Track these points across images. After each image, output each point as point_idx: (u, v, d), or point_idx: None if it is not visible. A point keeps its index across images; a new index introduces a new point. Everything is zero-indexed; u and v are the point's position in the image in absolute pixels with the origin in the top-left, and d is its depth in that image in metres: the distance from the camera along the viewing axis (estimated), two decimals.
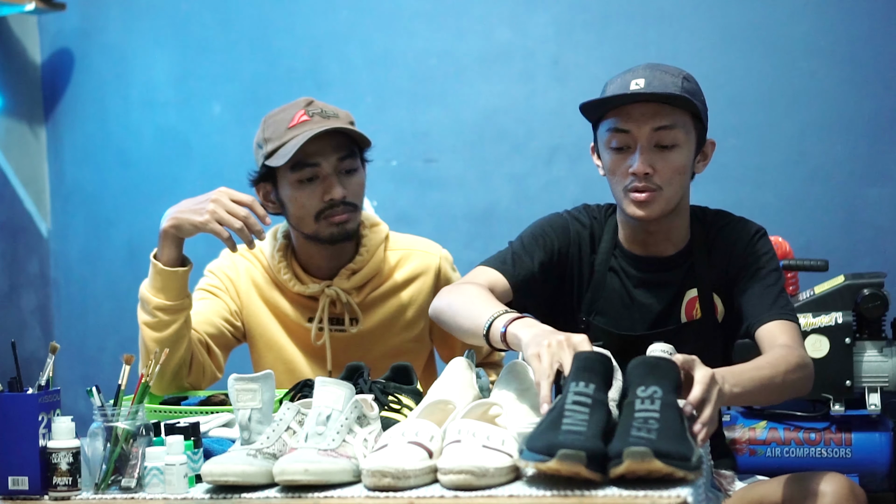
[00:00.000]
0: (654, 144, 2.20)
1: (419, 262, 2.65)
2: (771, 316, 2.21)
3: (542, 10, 3.87)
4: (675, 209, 2.26)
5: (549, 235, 2.34)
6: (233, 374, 1.88)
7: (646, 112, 2.20)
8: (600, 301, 2.33)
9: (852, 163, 3.60)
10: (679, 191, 2.25)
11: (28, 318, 4.27)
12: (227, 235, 2.38)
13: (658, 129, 2.20)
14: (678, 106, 2.21)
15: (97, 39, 4.31)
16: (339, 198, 2.49)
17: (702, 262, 2.31)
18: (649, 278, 2.32)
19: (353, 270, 2.58)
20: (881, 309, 2.91)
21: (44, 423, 1.86)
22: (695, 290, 2.30)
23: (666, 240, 2.31)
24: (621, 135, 2.22)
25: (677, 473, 1.59)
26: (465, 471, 1.65)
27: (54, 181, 4.38)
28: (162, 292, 2.41)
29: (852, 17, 3.60)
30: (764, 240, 2.32)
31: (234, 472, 1.74)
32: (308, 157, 2.48)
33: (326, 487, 1.72)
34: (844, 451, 2.87)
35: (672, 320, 2.30)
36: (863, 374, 2.90)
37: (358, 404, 1.82)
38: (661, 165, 2.20)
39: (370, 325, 2.60)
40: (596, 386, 1.71)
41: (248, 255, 2.65)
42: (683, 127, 2.22)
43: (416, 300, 2.62)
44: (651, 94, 2.18)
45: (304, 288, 2.58)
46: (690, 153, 2.25)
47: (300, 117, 2.49)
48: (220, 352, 2.59)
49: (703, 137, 2.29)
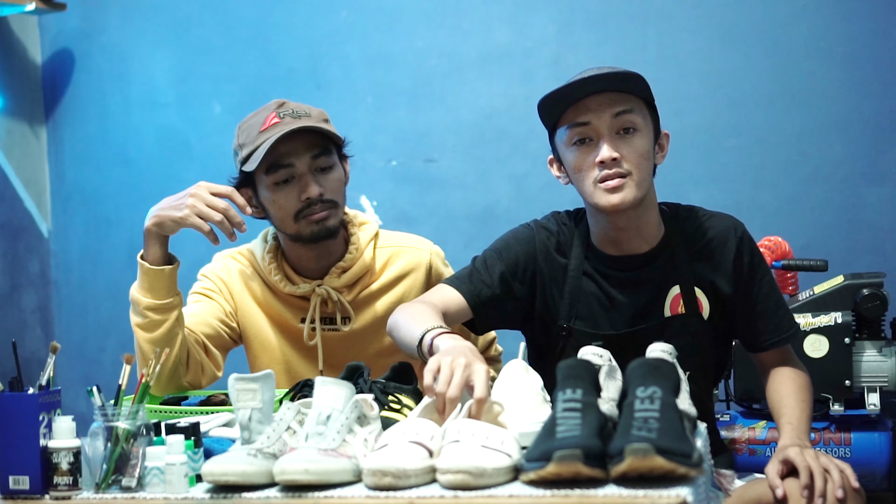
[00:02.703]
0: (617, 131, 2.23)
1: (409, 259, 2.65)
2: (778, 341, 2.34)
3: (542, 10, 3.87)
4: (643, 201, 2.27)
5: (511, 249, 2.36)
6: (233, 373, 1.88)
7: (602, 101, 2.22)
8: (579, 306, 2.33)
9: (852, 163, 3.61)
10: (647, 177, 2.26)
11: (29, 318, 4.27)
12: (208, 229, 2.38)
13: (618, 114, 2.22)
14: (632, 92, 2.24)
15: (97, 39, 4.31)
16: (316, 196, 2.48)
17: (681, 258, 2.31)
18: (626, 277, 2.32)
19: (343, 269, 2.58)
20: (880, 309, 2.92)
21: (44, 423, 1.86)
22: (678, 287, 2.31)
23: (638, 236, 2.31)
24: (582, 128, 2.24)
25: (679, 470, 1.59)
26: (463, 471, 1.65)
27: (55, 181, 4.39)
28: (150, 292, 2.42)
29: (852, 17, 3.60)
30: (749, 237, 2.35)
31: (235, 471, 1.74)
32: (281, 159, 2.47)
33: (327, 487, 1.72)
34: (844, 451, 2.88)
35: (654, 316, 2.31)
36: (862, 374, 2.91)
37: (358, 404, 1.82)
38: (626, 151, 2.22)
39: (363, 324, 2.60)
40: (583, 390, 1.73)
41: (239, 259, 2.65)
42: (640, 112, 2.25)
43: (408, 297, 2.61)
44: (605, 75, 2.21)
45: (295, 288, 2.58)
46: (650, 140, 2.27)
47: (271, 120, 2.48)
48: (219, 352, 2.59)
49: (658, 128, 2.31)
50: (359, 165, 4.02)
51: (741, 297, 2.32)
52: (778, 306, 2.34)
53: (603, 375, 1.85)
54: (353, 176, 3.33)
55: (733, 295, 2.31)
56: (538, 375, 2.00)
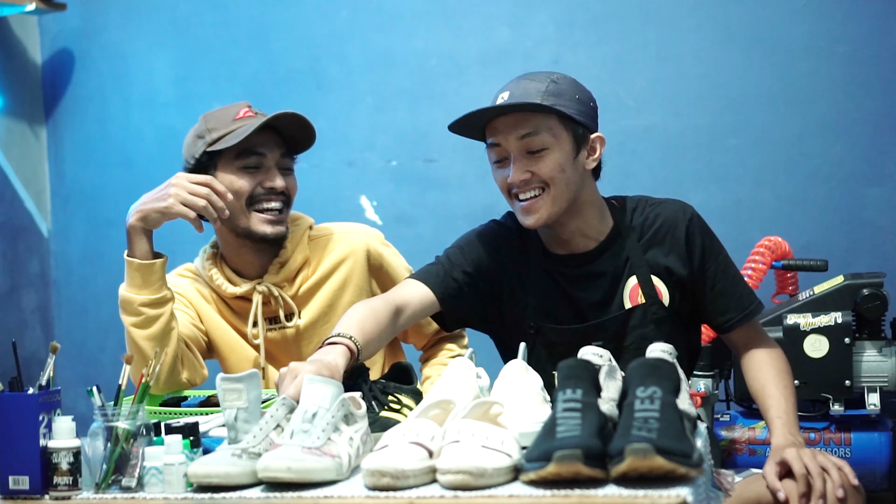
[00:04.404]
0: (525, 152, 2.26)
1: (345, 244, 2.65)
2: (741, 318, 2.35)
3: (542, 10, 3.87)
4: (572, 208, 2.30)
5: (475, 245, 2.41)
6: (219, 374, 1.88)
7: (508, 122, 2.27)
8: (544, 302, 2.36)
9: (852, 163, 3.60)
10: (565, 189, 2.27)
11: (28, 318, 4.27)
12: (193, 216, 2.43)
13: (523, 136, 2.26)
14: (536, 111, 2.25)
15: (97, 39, 4.31)
16: (280, 188, 2.54)
17: (634, 249, 2.34)
18: (578, 274, 2.35)
19: (281, 264, 2.60)
20: (880, 309, 2.92)
21: (44, 423, 1.86)
22: (635, 278, 2.33)
23: (579, 236, 2.35)
24: (496, 148, 2.30)
25: (679, 470, 1.59)
26: (463, 471, 1.65)
27: (55, 181, 4.39)
28: (143, 288, 2.44)
29: (852, 17, 3.60)
30: (698, 218, 2.36)
31: (218, 472, 1.74)
32: (255, 146, 2.52)
33: (310, 486, 1.71)
34: (844, 451, 2.88)
35: (615, 308, 2.33)
36: (862, 374, 2.90)
37: (345, 402, 1.81)
38: (537, 168, 2.26)
39: (312, 316, 2.61)
40: (583, 390, 1.73)
41: (185, 273, 2.69)
42: (549, 131, 2.26)
43: (350, 281, 2.63)
44: (500, 107, 2.25)
45: (237, 289, 2.59)
46: (566, 153, 2.27)
47: (245, 113, 2.56)
48: (200, 354, 2.62)
49: (585, 134, 2.30)
50: (359, 165, 4.04)
51: (698, 278, 2.34)
52: (736, 283, 2.36)
53: (603, 375, 1.85)
54: (354, 176, 3.37)
55: (689, 277, 2.34)
56: (538, 375, 2.00)
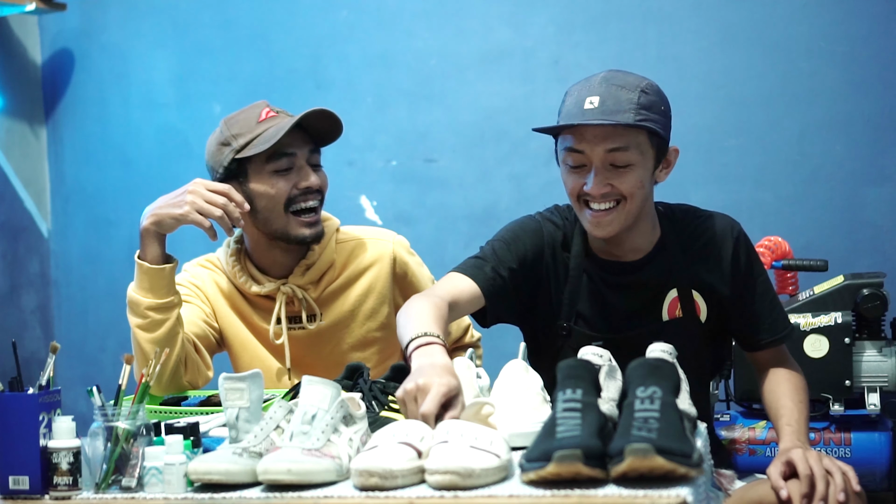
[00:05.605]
0: (609, 164, 2.18)
1: (372, 251, 2.64)
2: (773, 341, 2.33)
3: (542, 10, 3.87)
4: (635, 221, 2.25)
5: (521, 240, 2.32)
6: (223, 373, 1.88)
7: (598, 133, 2.17)
8: (579, 305, 2.31)
9: (852, 163, 3.61)
10: (639, 204, 2.22)
11: (28, 318, 4.27)
12: (208, 225, 2.41)
13: (611, 150, 2.17)
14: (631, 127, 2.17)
15: (97, 39, 4.31)
16: (316, 186, 2.52)
17: (678, 260, 2.29)
18: (618, 281, 2.30)
19: (307, 266, 2.58)
20: (880, 309, 2.92)
21: (44, 423, 1.86)
22: (675, 291, 2.29)
23: (629, 247, 2.30)
24: (576, 154, 2.20)
25: (679, 470, 1.59)
26: (451, 471, 1.64)
27: (55, 181, 4.39)
28: (151, 291, 2.42)
29: (852, 17, 3.60)
30: (745, 237, 2.33)
31: (218, 470, 1.74)
32: (284, 147, 2.50)
33: (310, 487, 1.71)
34: (844, 451, 2.87)
35: (651, 319, 2.29)
36: (862, 374, 2.90)
37: (344, 404, 1.81)
38: (616, 183, 2.19)
39: (333, 319, 2.60)
40: (583, 390, 1.73)
41: (207, 265, 2.67)
42: (638, 147, 2.18)
43: (374, 288, 2.62)
44: (600, 123, 2.15)
45: (261, 288, 2.58)
46: (647, 169, 2.22)
47: (267, 114, 2.53)
48: (207, 353, 2.60)
49: (665, 148, 2.25)
50: (359, 165, 4.05)
51: (737, 297, 2.31)
52: (773, 306, 2.33)
53: (603, 375, 1.84)
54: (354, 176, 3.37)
55: (729, 295, 2.30)
56: (538, 375, 2.00)
